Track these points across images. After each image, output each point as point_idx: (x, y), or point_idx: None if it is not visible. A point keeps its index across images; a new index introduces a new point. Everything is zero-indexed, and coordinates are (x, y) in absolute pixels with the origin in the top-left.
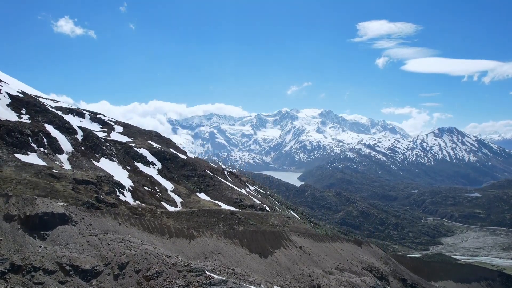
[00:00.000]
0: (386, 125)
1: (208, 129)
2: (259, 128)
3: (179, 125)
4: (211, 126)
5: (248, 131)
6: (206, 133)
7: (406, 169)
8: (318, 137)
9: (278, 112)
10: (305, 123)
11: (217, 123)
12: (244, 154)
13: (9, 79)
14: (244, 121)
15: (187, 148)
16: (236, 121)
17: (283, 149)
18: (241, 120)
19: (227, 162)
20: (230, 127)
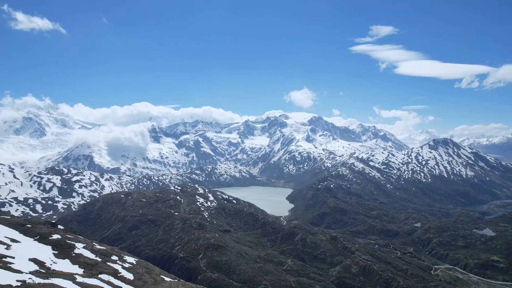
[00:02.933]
0: (377, 131)
1: (193, 137)
2: (246, 136)
3: (163, 133)
4: (196, 134)
5: (235, 139)
6: (190, 141)
7: (402, 188)
8: (308, 147)
9: (267, 119)
10: (294, 131)
11: (203, 130)
12: (230, 166)
13: None
14: (231, 128)
15: (170, 158)
16: (222, 128)
17: (271, 159)
18: (228, 127)
19: (211, 177)
20: (216, 135)
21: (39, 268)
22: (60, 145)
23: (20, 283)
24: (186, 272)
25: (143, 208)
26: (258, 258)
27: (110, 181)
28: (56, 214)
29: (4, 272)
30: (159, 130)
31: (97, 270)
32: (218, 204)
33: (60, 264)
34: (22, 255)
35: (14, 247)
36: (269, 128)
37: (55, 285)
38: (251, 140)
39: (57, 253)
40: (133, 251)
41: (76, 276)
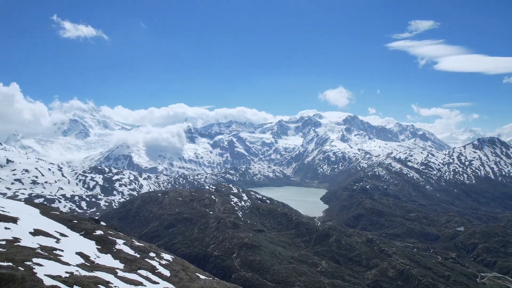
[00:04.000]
0: (415, 130)
1: (227, 137)
2: (280, 135)
3: (198, 133)
4: (230, 134)
5: (269, 139)
6: (225, 141)
7: (443, 190)
8: (343, 147)
9: (301, 118)
10: (328, 130)
11: (237, 130)
12: (264, 166)
13: None
14: (264, 128)
15: (205, 158)
16: (256, 128)
17: (305, 159)
18: (262, 127)
19: (245, 177)
20: (249, 135)
21: (84, 261)
22: (102, 145)
23: (68, 275)
24: (221, 270)
25: (179, 207)
26: (292, 259)
27: (148, 180)
28: (99, 211)
29: (54, 263)
30: (194, 131)
31: (136, 266)
32: (252, 204)
33: (102, 258)
34: (69, 249)
35: (62, 240)
36: (303, 128)
37: (99, 278)
38: (285, 140)
39: (100, 248)
40: (170, 248)
41: (117, 270)
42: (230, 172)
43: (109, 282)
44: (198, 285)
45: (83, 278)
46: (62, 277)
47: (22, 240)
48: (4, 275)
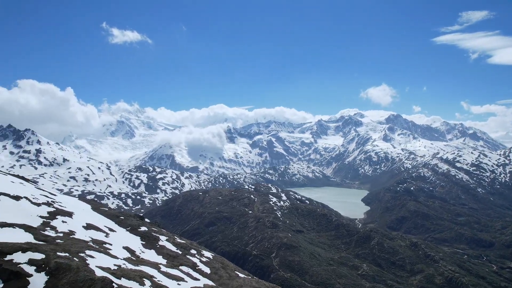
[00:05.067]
0: (465, 129)
1: (266, 137)
2: (319, 135)
3: (237, 133)
4: (269, 134)
5: (308, 139)
6: (264, 141)
7: (498, 193)
8: (386, 147)
9: (341, 118)
10: (370, 130)
11: (276, 130)
12: (303, 166)
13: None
14: (303, 128)
15: (244, 158)
16: (295, 128)
17: (345, 159)
18: (301, 127)
19: (284, 177)
20: (289, 135)
21: (130, 255)
22: (146, 145)
23: (116, 267)
24: (259, 270)
25: (219, 206)
26: (332, 261)
27: (190, 179)
28: (143, 208)
29: (104, 256)
30: (234, 131)
31: (178, 262)
32: (291, 204)
33: (147, 253)
34: (117, 243)
35: (111, 235)
36: (343, 128)
37: (144, 272)
38: (325, 140)
39: (144, 244)
40: (210, 246)
41: (161, 265)
42: (269, 172)
43: (153, 277)
44: (237, 283)
45: (129, 271)
46: (111, 269)
47: (77, 233)
48: (62, 265)
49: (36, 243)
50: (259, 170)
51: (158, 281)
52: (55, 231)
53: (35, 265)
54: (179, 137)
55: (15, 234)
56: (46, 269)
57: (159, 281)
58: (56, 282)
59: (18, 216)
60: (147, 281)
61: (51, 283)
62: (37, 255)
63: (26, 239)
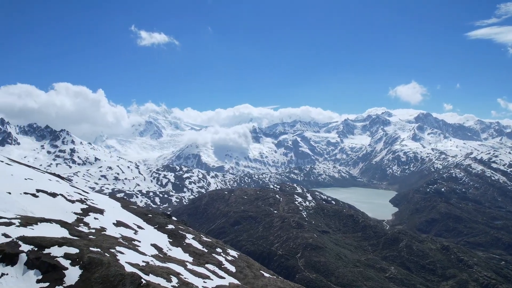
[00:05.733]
0: (501, 128)
1: (292, 137)
2: (346, 135)
3: (263, 133)
4: (295, 134)
5: (334, 139)
6: (289, 141)
7: None
8: (415, 147)
9: (368, 117)
10: (398, 129)
11: (301, 130)
12: (329, 166)
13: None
14: (329, 128)
15: (270, 158)
16: (321, 128)
17: (373, 159)
18: (327, 127)
19: (310, 177)
20: (314, 134)
21: (158, 252)
22: (174, 145)
23: (145, 264)
24: (285, 270)
25: (244, 205)
26: (358, 262)
27: (215, 179)
28: (171, 207)
29: (133, 252)
30: (259, 131)
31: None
32: (317, 204)
33: (174, 251)
34: (145, 240)
35: (139, 232)
36: (370, 127)
37: (171, 269)
38: (351, 140)
39: (171, 241)
40: (235, 245)
41: (187, 263)
42: (294, 171)
43: (180, 274)
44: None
45: (157, 268)
46: (140, 265)
47: (107, 230)
48: (94, 259)
49: (70, 238)
50: (284, 170)
51: (185, 278)
52: (87, 227)
53: (70, 259)
54: (205, 137)
55: (52, 229)
56: (80, 263)
57: (186, 278)
58: (89, 276)
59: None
60: (174, 278)
61: (85, 276)
62: (72, 249)
63: (62, 234)
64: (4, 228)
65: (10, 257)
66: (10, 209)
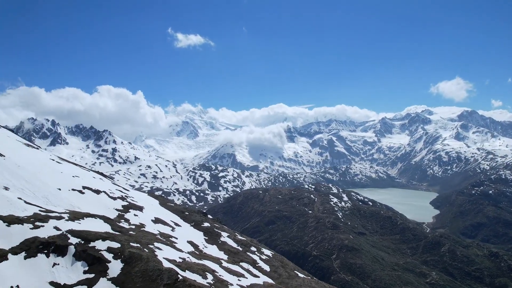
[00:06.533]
0: None
1: (327, 136)
2: (383, 134)
3: (297, 132)
4: (330, 133)
5: (371, 138)
6: (324, 140)
7: None
8: (458, 146)
9: (407, 115)
10: (440, 128)
11: (337, 129)
12: (366, 166)
13: None
14: (366, 127)
15: (304, 157)
16: (357, 127)
17: (412, 159)
18: (363, 126)
19: (346, 177)
20: (350, 133)
21: (194, 249)
22: (209, 144)
23: (181, 260)
24: (319, 271)
25: (279, 205)
26: (396, 266)
27: (250, 178)
28: (206, 205)
29: (170, 249)
30: (293, 130)
31: (238, 258)
32: (353, 205)
33: (209, 248)
34: (182, 237)
35: (176, 230)
36: (410, 126)
37: (207, 266)
38: (389, 139)
39: (207, 239)
40: (269, 244)
41: (222, 261)
42: (329, 171)
43: (215, 271)
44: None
45: (193, 265)
46: (177, 261)
47: (146, 226)
48: (134, 254)
49: (113, 233)
50: (319, 169)
51: (220, 275)
52: (128, 223)
53: (112, 252)
54: (240, 137)
55: (96, 224)
56: (121, 257)
57: (221, 276)
58: (130, 270)
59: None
60: (210, 275)
61: (126, 270)
62: (114, 244)
63: (105, 229)
64: (56, 221)
65: (61, 248)
66: (60, 204)
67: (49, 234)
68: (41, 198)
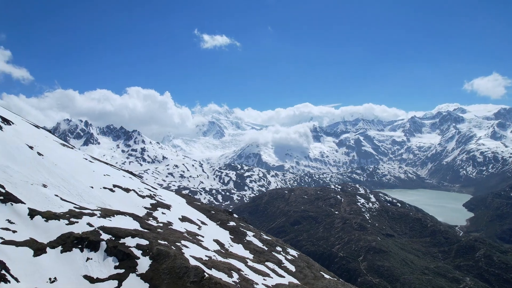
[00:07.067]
0: None
1: (354, 136)
2: (413, 133)
3: (323, 132)
4: (357, 133)
5: (400, 138)
6: (351, 140)
7: None
8: (494, 146)
9: (438, 114)
10: (474, 126)
11: (364, 129)
12: (394, 166)
13: None
14: (395, 126)
15: (331, 157)
16: (385, 126)
17: (443, 160)
18: (391, 125)
19: (373, 177)
20: (378, 133)
21: (220, 248)
22: (235, 144)
23: (207, 258)
24: (346, 272)
25: (304, 205)
26: (427, 270)
27: (275, 178)
28: (232, 204)
29: (197, 247)
30: (319, 130)
31: (264, 258)
32: (380, 206)
33: (235, 247)
34: (208, 236)
35: (203, 228)
36: (441, 124)
37: (232, 265)
38: (419, 138)
39: (233, 238)
40: (295, 244)
41: (247, 260)
42: (356, 171)
43: (241, 270)
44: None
45: (219, 263)
46: (203, 259)
47: (174, 224)
48: (162, 251)
49: (141, 231)
50: (346, 169)
51: (245, 274)
52: (156, 221)
53: (141, 249)
54: (266, 137)
55: (126, 221)
56: (150, 254)
57: (246, 274)
58: (158, 267)
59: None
60: (235, 274)
61: (154, 266)
62: (143, 241)
63: (134, 226)
64: (89, 218)
65: (94, 244)
66: (92, 201)
67: (83, 230)
68: (75, 195)
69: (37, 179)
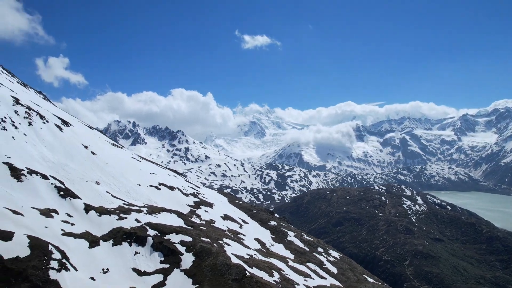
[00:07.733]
0: None
1: (399, 135)
2: (464, 132)
3: (367, 131)
4: (403, 132)
5: (450, 137)
6: (396, 139)
7: None
8: None
9: (494, 111)
10: None
11: (410, 128)
12: (443, 167)
13: None
14: (444, 124)
15: (375, 157)
16: (433, 125)
17: (500, 160)
18: (440, 123)
19: (420, 178)
20: (425, 132)
21: (261, 247)
22: (276, 144)
23: (248, 257)
24: (390, 276)
25: (347, 206)
26: (482, 279)
27: (317, 178)
28: (273, 204)
29: (238, 245)
30: (363, 129)
31: (305, 258)
32: (428, 209)
33: (276, 247)
34: (249, 234)
35: (244, 227)
36: (497, 122)
37: (273, 264)
38: (471, 137)
39: (274, 237)
40: (337, 246)
41: (288, 260)
42: (402, 172)
43: (281, 270)
44: None
45: (260, 262)
46: (244, 258)
47: (216, 222)
48: (205, 248)
49: (185, 228)
50: (391, 170)
51: (286, 274)
52: (199, 218)
53: (185, 246)
54: (307, 136)
55: (170, 218)
56: (193, 251)
57: (287, 274)
58: (201, 263)
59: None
60: (276, 273)
61: (197, 263)
62: (187, 237)
63: (178, 223)
64: (136, 214)
65: (141, 239)
66: (139, 198)
67: (131, 225)
68: (124, 192)
69: (91, 177)
